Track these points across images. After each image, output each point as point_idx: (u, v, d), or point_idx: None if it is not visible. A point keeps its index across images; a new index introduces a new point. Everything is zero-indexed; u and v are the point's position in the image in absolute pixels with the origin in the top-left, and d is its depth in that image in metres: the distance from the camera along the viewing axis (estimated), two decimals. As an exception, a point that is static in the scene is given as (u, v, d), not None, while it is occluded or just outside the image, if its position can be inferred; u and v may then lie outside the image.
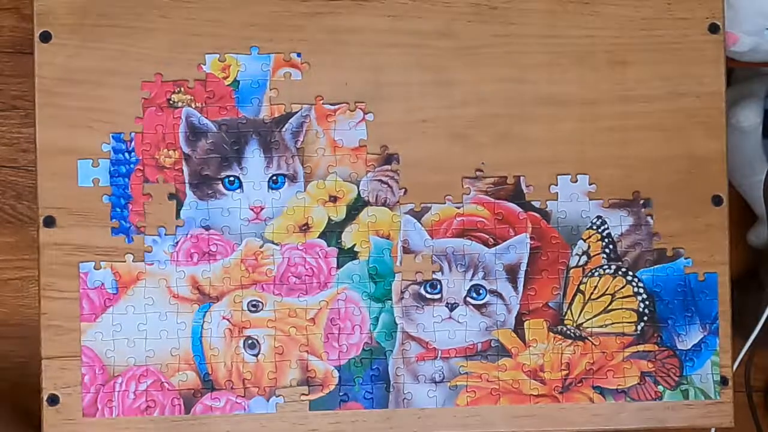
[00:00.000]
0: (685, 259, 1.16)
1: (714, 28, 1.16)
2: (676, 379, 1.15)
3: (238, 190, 1.13)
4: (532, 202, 1.15)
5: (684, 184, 1.16)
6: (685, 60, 1.16)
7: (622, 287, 1.16)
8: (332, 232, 1.14)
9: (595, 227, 1.16)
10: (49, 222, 1.13)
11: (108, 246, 1.12)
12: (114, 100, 1.13)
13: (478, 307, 1.14)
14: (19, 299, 1.62)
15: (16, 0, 1.62)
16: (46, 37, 1.13)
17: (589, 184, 1.15)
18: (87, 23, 1.14)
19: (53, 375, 1.12)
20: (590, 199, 1.16)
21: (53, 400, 1.12)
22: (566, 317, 1.15)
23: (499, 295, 1.14)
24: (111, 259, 1.12)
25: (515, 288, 1.15)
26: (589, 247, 1.16)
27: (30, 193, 1.60)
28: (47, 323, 1.12)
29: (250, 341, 1.13)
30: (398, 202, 1.14)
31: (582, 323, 1.15)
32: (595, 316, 1.15)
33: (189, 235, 1.13)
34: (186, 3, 1.14)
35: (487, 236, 1.15)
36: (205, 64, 1.14)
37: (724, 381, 1.16)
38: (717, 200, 1.16)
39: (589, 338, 1.15)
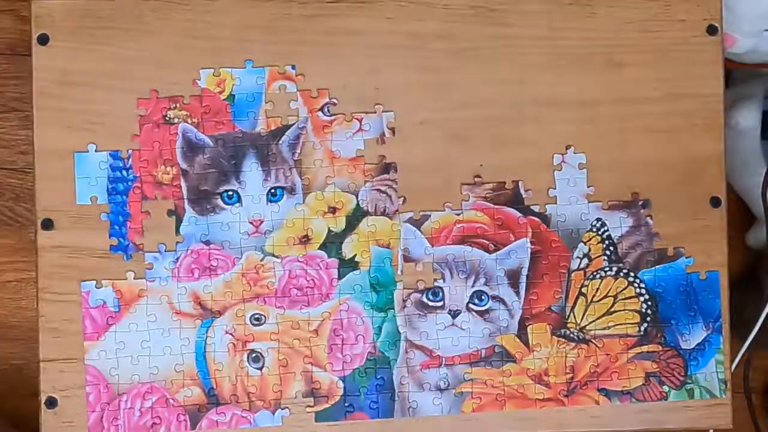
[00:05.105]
0: (687, 258, 1.16)
1: (712, 30, 1.16)
2: (681, 378, 1.15)
3: (237, 204, 1.13)
4: (532, 207, 1.15)
5: (682, 186, 1.16)
6: (683, 61, 1.16)
7: (624, 288, 1.16)
8: (332, 243, 1.14)
9: (595, 229, 1.15)
10: (47, 225, 1.12)
11: (106, 249, 1.12)
12: (112, 102, 1.13)
13: (480, 314, 1.14)
14: (18, 301, 1.62)
15: (13, 2, 1.61)
16: (43, 39, 1.13)
17: (588, 187, 1.15)
18: (85, 26, 1.13)
19: (51, 378, 1.12)
20: (589, 202, 1.15)
21: (51, 402, 1.12)
22: (569, 320, 1.15)
23: (502, 301, 1.14)
24: (111, 276, 1.12)
25: (517, 293, 1.15)
26: (589, 249, 1.15)
27: (28, 195, 1.60)
28: (45, 326, 1.12)
29: (253, 355, 1.13)
30: (397, 210, 1.14)
31: (585, 326, 1.15)
32: (598, 319, 1.15)
33: (189, 251, 1.13)
34: (184, 6, 1.14)
35: (488, 242, 1.15)
36: (200, 79, 1.13)
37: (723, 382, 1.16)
38: (715, 202, 1.16)
39: (593, 341, 1.15)
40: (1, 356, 1.62)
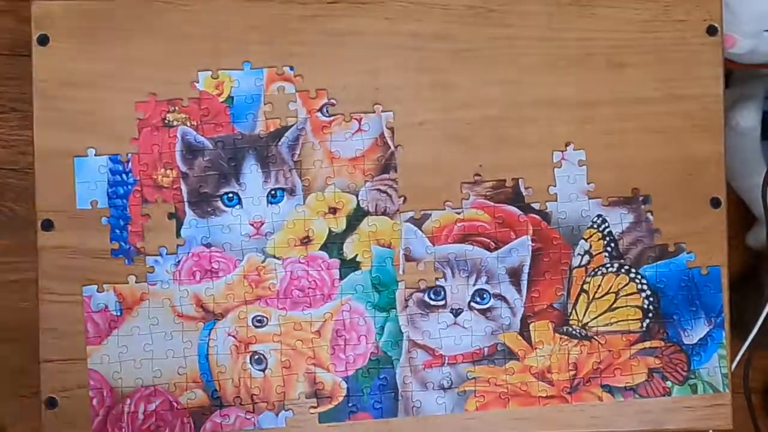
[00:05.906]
0: (688, 253, 1.16)
1: (712, 30, 1.15)
2: (684, 374, 1.16)
3: (238, 206, 1.13)
4: (532, 204, 1.15)
5: (682, 187, 1.16)
6: (683, 62, 1.15)
7: (626, 285, 1.16)
8: (333, 243, 1.14)
9: (595, 226, 1.15)
10: (47, 225, 1.13)
11: (107, 252, 1.12)
12: (111, 104, 1.13)
13: (482, 312, 1.14)
14: (18, 302, 1.62)
15: (13, 2, 1.60)
16: (43, 40, 1.13)
17: (588, 183, 1.15)
18: (84, 26, 1.13)
19: (52, 378, 1.12)
20: (589, 198, 1.15)
21: (52, 403, 1.12)
22: (571, 317, 1.15)
23: (503, 299, 1.14)
24: (112, 279, 1.12)
25: (519, 291, 1.15)
26: (590, 246, 1.15)
27: (28, 196, 1.60)
28: (46, 326, 1.12)
29: (256, 356, 1.13)
30: (398, 210, 1.14)
31: (587, 323, 1.15)
32: (600, 315, 1.15)
33: (190, 254, 1.13)
34: (184, 6, 1.14)
35: (489, 240, 1.15)
36: (198, 82, 1.12)
37: (722, 381, 1.17)
38: (715, 202, 1.16)
39: (595, 337, 1.15)
40: (1, 356, 1.62)
